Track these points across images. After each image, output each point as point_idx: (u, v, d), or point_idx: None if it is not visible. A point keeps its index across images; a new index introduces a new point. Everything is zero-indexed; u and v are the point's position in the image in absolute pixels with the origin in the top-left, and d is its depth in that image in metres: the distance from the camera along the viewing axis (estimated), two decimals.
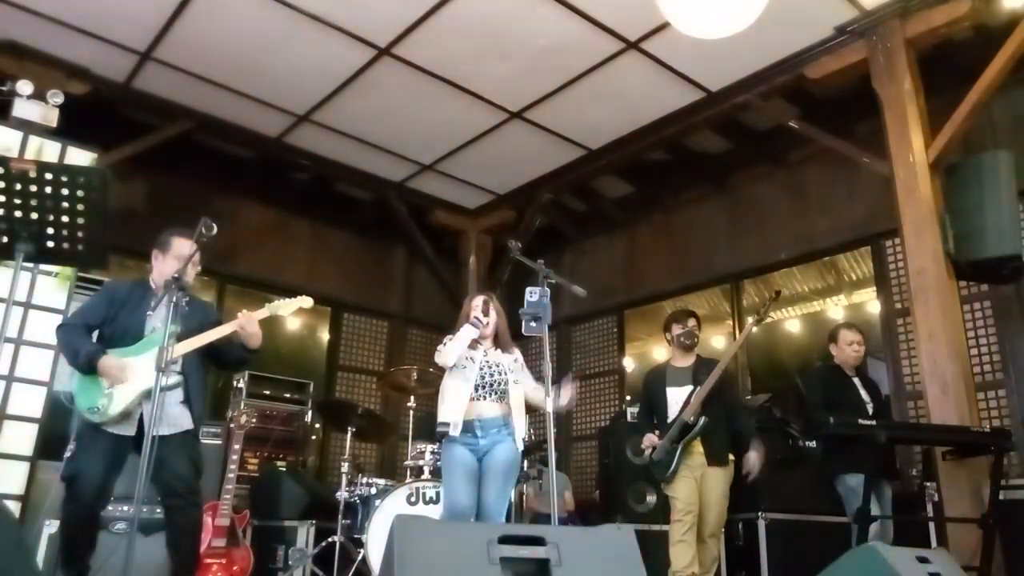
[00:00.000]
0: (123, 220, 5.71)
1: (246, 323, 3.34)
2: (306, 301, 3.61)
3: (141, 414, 3.17)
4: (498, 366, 3.58)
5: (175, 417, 3.23)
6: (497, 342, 3.68)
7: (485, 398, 3.51)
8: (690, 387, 4.01)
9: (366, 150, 6.50)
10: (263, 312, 3.45)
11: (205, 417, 3.66)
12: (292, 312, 3.60)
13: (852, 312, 6.36)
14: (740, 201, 6.65)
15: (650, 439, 4.03)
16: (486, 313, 3.61)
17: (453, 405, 3.48)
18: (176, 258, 3.32)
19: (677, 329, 4.20)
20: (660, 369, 4.30)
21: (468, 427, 3.46)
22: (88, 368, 3.13)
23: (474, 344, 3.57)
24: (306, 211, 7.47)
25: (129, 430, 3.17)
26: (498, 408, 3.53)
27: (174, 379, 3.21)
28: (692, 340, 4.17)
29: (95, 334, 3.27)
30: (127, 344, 3.23)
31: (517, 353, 3.72)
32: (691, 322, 4.20)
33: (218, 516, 4.31)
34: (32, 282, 4.63)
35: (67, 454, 3.22)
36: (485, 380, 3.52)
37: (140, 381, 3.14)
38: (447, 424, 3.47)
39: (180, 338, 3.23)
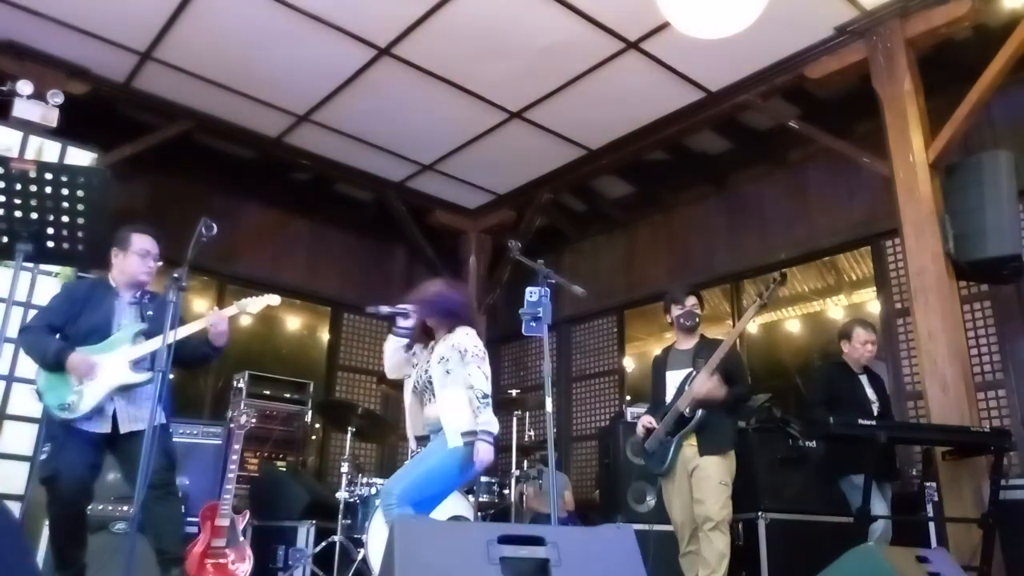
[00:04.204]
0: (123, 220, 5.68)
1: (216, 321, 3.36)
2: (273, 299, 3.63)
3: (115, 411, 3.20)
4: (426, 365, 3.32)
5: (147, 411, 3.21)
6: (433, 334, 3.41)
7: (427, 403, 3.30)
8: (687, 370, 3.84)
9: (366, 150, 6.50)
10: (232, 309, 3.46)
11: (184, 411, 3.66)
12: (259, 310, 3.60)
13: (852, 312, 6.36)
14: (740, 201, 6.65)
15: (644, 421, 3.90)
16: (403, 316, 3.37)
17: (409, 423, 3.36)
18: (137, 254, 3.35)
19: (676, 310, 3.99)
20: (664, 352, 4.14)
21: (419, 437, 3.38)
22: (56, 365, 3.13)
23: (421, 341, 3.43)
24: (306, 211, 7.47)
25: (103, 427, 3.18)
26: (433, 409, 3.24)
27: (147, 375, 3.23)
28: (693, 321, 3.95)
29: (58, 335, 3.26)
30: (93, 342, 3.23)
31: (455, 338, 3.28)
32: (690, 301, 3.96)
33: (218, 516, 4.30)
34: (32, 282, 4.63)
35: (42, 456, 3.22)
36: (418, 387, 3.33)
37: (109, 377, 3.17)
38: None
39: (148, 335, 3.30)
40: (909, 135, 4.45)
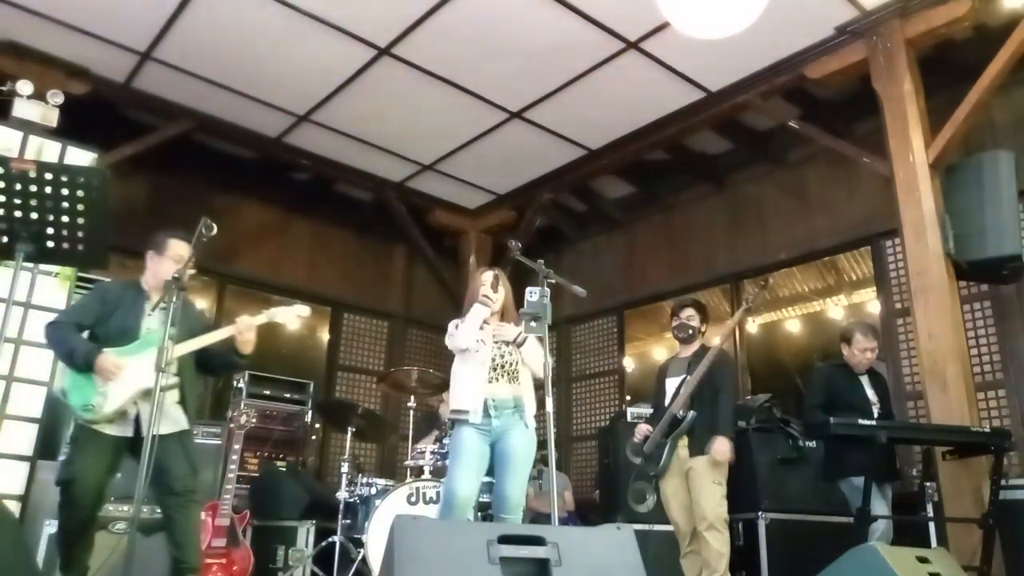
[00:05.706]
0: (123, 220, 5.66)
1: (244, 329, 3.32)
2: (303, 309, 3.59)
3: (138, 415, 3.17)
4: (512, 350, 3.51)
5: (171, 416, 3.23)
6: (504, 318, 3.62)
7: (499, 379, 3.46)
8: (683, 376, 3.96)
9: (366, 150, 6.50)
10: (261, 318, 3.42)
11: (202, 416, 3.64)
12: (288, 319, 3.56)
13: (852, 312, 6.36)
14: (740, 201, 6.65)
15: (640, 429, 4.01)
16: (495, 289, 3.54)
17: (470, 391, 3.43)
18: (172, 259, 3.31)
19: (673, 321, 4.17)
20: (667, 360, 4.30)
21: (483, 408, 3.41)
22: (85, 366, 3.11)
23: (482, 323, 3.52)
24: (306, 211, 7.47)
25: (126, 431, 3.16)
26: (511, 389, 3.47)
27: (171, 380, 3.21)
28: (684, 333, 4.09)
29: (86, 334, 3.24)
30: (122, 344, 3.20)
31: (521, 328, 3.64)
32: (685, 313, 4.12)
33: (218, 516, 4.31)
34: (32, 282, 4.62)
35: (62, 457, 3.20)
36: (497, 362, 3.47)
37: (135, 380, 3.13)
38: (466, 412, 3.41)
39: (176, 340, 3.25)
40: (909, 135, 4.45)
